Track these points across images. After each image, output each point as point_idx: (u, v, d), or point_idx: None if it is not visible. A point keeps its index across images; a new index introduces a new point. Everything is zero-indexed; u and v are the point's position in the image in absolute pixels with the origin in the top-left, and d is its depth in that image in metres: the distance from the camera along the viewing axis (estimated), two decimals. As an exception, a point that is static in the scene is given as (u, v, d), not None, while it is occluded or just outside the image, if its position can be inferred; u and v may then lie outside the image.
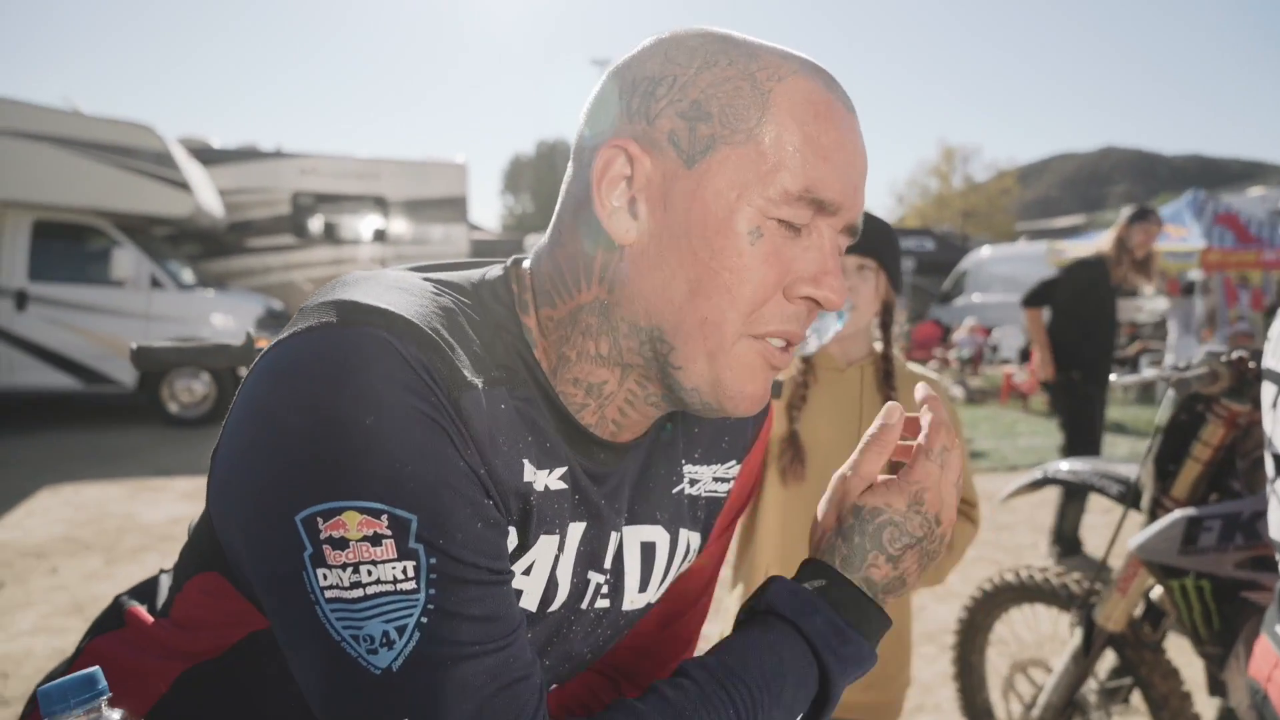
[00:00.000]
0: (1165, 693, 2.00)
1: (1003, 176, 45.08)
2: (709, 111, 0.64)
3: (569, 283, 0.69)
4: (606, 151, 0.65)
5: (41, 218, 7.81)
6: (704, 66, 0.65)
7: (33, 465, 6.23)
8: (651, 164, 0.65)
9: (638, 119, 0.65)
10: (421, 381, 0.57)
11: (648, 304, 0.66)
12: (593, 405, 0.71)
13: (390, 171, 11.45)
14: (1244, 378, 1.76)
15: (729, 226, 0.63)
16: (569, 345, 0.69)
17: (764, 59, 0.65)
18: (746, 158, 0.63)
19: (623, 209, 0.65)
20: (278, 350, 0.59)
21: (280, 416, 0.56)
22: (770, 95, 0.64)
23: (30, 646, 3.27)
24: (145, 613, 0.77)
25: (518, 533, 0.66)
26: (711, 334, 0.65)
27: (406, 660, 0.54)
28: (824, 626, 0.68)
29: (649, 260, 0.65)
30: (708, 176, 0.63)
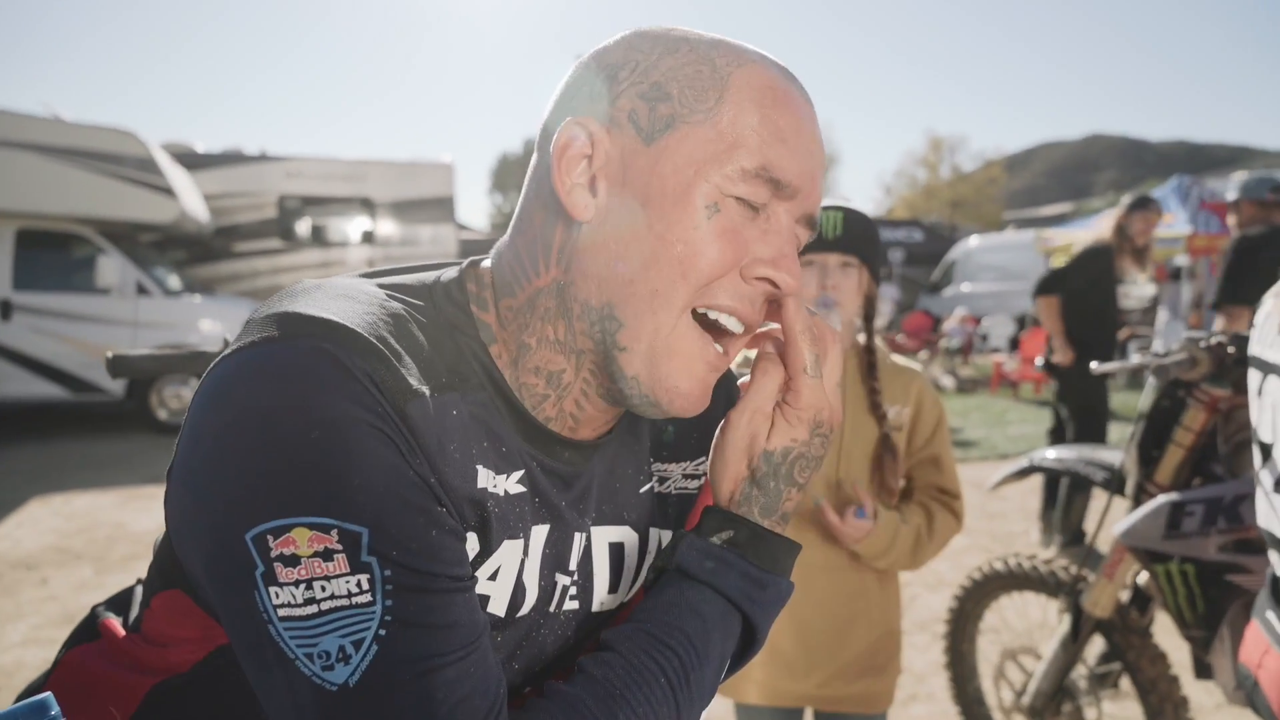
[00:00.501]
0: (1153, 676, 2.02)
1: (989, 166, 45.20)
2: (668, 92, 0.65)
3: (528, 267, 0.69)
4: (568, 128, 0.66)
5: (25, 226, 7.75)
6: (665, 53, 0.66)
7: (22, 475, 6.19)
8: (611, 142, 0.66)
9: (599, 100, 0.67)
10: (366, 392, 0.56)
11: (600, 280, 0.66)
12: (553, 397, 0.71)
13: (377, 173, 11.41)
14: (1223, 363, 1.77)
15: (686, 200, 0.64)
16: (528, 332, 0.69)
17: (724, 47, 0.67)
18: (705, 136, 0.64)
19: (582, 186, 0.66)
20: (221, 367, 0.59)
21: (225, 435, 0.56)
22: (729, 78, 0.65)
23: (21, 658, 3.26)
24: (119, 626, 0.77)
25: (478, 538, 0.66)
26: (660, 307, 0.65)
27: (364, 675, 0.54)
28: (740, 580, 0.67)
29: (604, 235, 0.66)
30: (666, 153, 0.64)
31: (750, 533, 0.69)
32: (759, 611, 0.68)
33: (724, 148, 0.64)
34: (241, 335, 0.61)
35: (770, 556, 0.69)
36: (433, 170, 11.75)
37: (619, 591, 0.81)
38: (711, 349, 0.68)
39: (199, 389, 0.60)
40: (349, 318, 0.60)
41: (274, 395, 0.55)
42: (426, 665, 0.55)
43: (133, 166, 7.90)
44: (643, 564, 0.83)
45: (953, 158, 44.54)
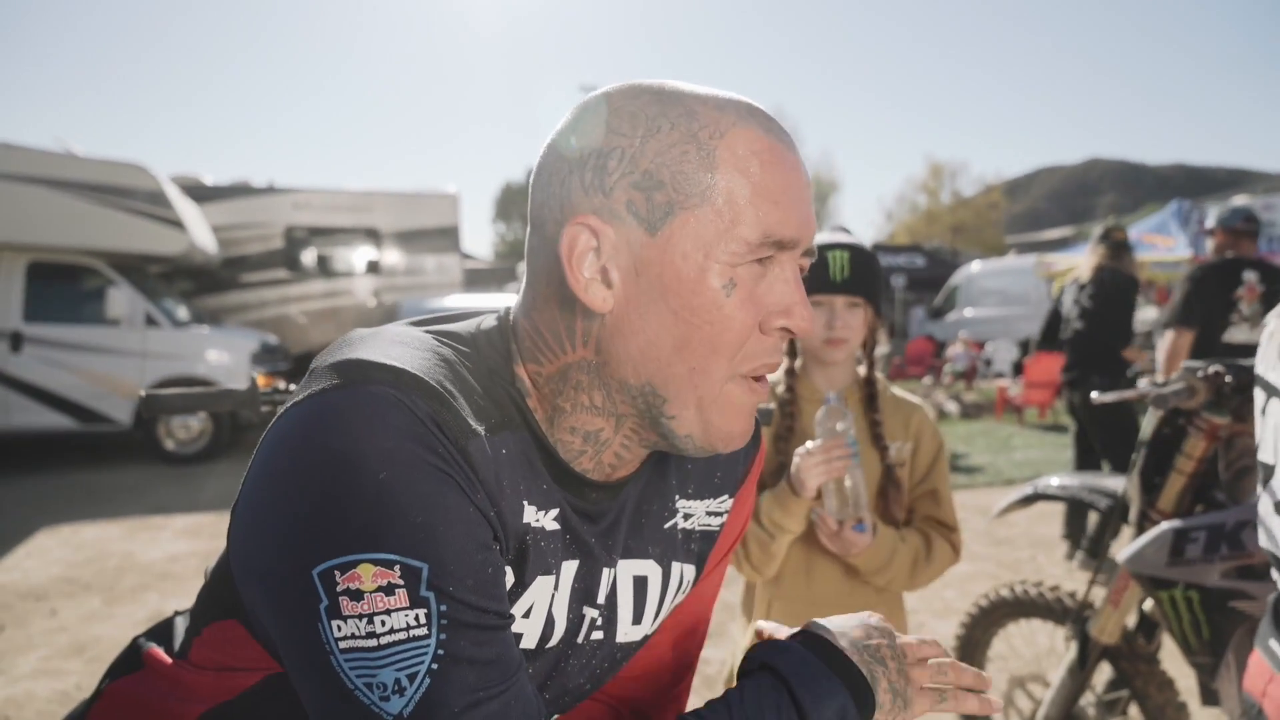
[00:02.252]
0: (1161, 703, 2.02)
1: (990, 191, 45.44)
2: (661, 180, 0.67)
3: (552, 345, 0.72)
4: (570, 230, 0.68)
5: (36, 259, 7.83)
6: (648, 134, 0.67)
7: (30, 506, 6.21)
8: (615, 234, 0.68)
9: (594, 193, 0.68)
10: (429, 433, 0.60)
11: (636, 364, 0.69)
12: (590, 452, 0.74)
13: (382, 203, 11.52)
14: (1221, 391, 1.80)
15: (703, 285, 0.66)
16: (562, 398, 0.72)
17: (702, 116, 0.68)
18: (705, 218, 0.66)
19: (596, 280, 0.68)
20: (292, 413, 0.63)
21: (296, 476, 0.59)
22: (715, 153, 0.67)
23: (32, 689, 3.26)
24: (164, 654, 0.80)
25: (513, 571, 0.70)
26: (701, 382, 0.69)
27: (417, 706, 0.57)
28: (795, 662, 0.72)
29: (631, 325, 0.68)
30: (672, 241, 0.67)
31: (820, 638, 0.76)
32: (810, 700, 0.71)
33: (725, 225, 0.66)
34: (309, 383, 0.65)
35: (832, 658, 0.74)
36: (437, 200, 11.86)
37: (643, 623, 0.84)
38: (755, 390, 0.72)
39: (269, 432, 0.64)
40: (409, 363, 0.64)
41: (343, 439, 0.58)
42: (474, 698, 0.59)
43: (143, 200, 8.00)
44: (665, 597, 0.86)
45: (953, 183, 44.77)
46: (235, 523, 0.66)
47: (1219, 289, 3.90)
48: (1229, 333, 3.90)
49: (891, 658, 0.76)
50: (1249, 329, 3.87)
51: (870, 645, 0.76)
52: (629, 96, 0.69)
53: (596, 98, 0.71)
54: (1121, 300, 4.74)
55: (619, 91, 0.70)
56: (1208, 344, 3.89)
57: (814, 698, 0.70)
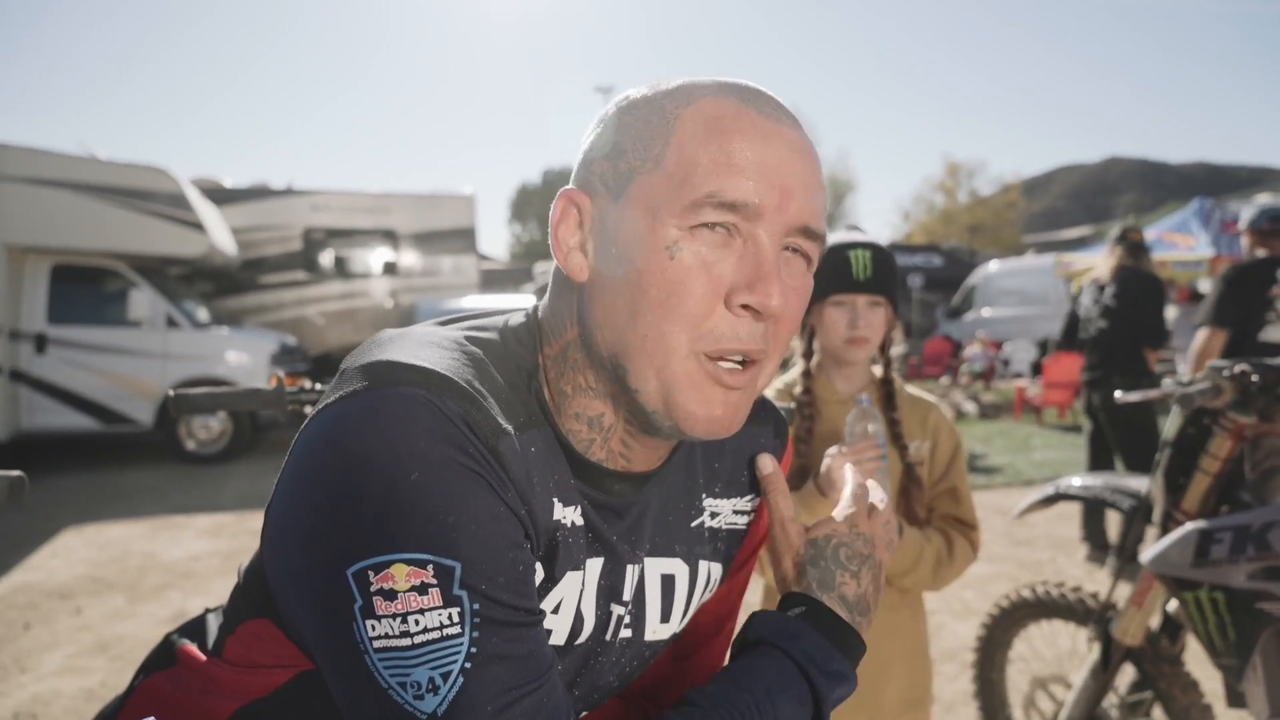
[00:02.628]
0: (1186, 705, 2.00)
1: (1008, 190, 45.06)
2: (624, 148, 0.70)
3: (557, 324, 0.75)
4: (557, 203, 0.72)
5: (60, 262, 7.95)
6: (625, 111, 0.72)
7: (55, 506, 6.29)
8: (592, 205, 0.71)
9: (581, 169, 0.73)
10: (460, 434, 0.61)
11: (602, 333, 0.70)
12: (598, 440, 0.74)
13: (400, 205, 11.59)
14: (1247, 391, 1.78)
15: (649, 245, 0.66)
16: (564, 380, 0.74)
17: (679, 92, 0.70)
18: (657, 181, 0.67)
19: (575, 249, 0.72)
20: (325, 415, 0.63)
21: (329, 477, 0.60)
22: (676, 120, 0.68)
23: (58, 687, 3.31)
24: (198, 651, 0.80)
25: (544, 566, 0.70)
26: (655, 350, 0.67)
27: (451, 704, 0.57)
28: (810, 648, 0.73)
29: (598, 291, 0.70)
30: (628, 205, 0.68)
31: (824, 615, 0.76)
32: (824, 683, 0.72)
33: (673, 187, 0.66)
34: (340, 385, 0.65)
35: (839, 635, 0.76)
36: (454, 202, 11.93)
37: (671, 621, 0.84)
38: (723, 373, 0.69)
39: (302, 434, 0.65)
40: (438, 364, 0.64)
41: (375, 440, 0.59)
42: (507, 697, 0.59)
43: (164, 202, 8.10)
44: (693, 595, 0.86)
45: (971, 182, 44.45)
46: (269, 523, 0.67)
47: (1255, 288, 3.90)
48: (1266, 331, 3.89)
49: (872, 579, 0.81)
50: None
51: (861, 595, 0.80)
52: (625, 98, 0.74)
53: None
54: (1147, 300, 4.72)
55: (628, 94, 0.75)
56: (1244, 343, 3.89)
57: (829, 685, 0.73)
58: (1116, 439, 4.69)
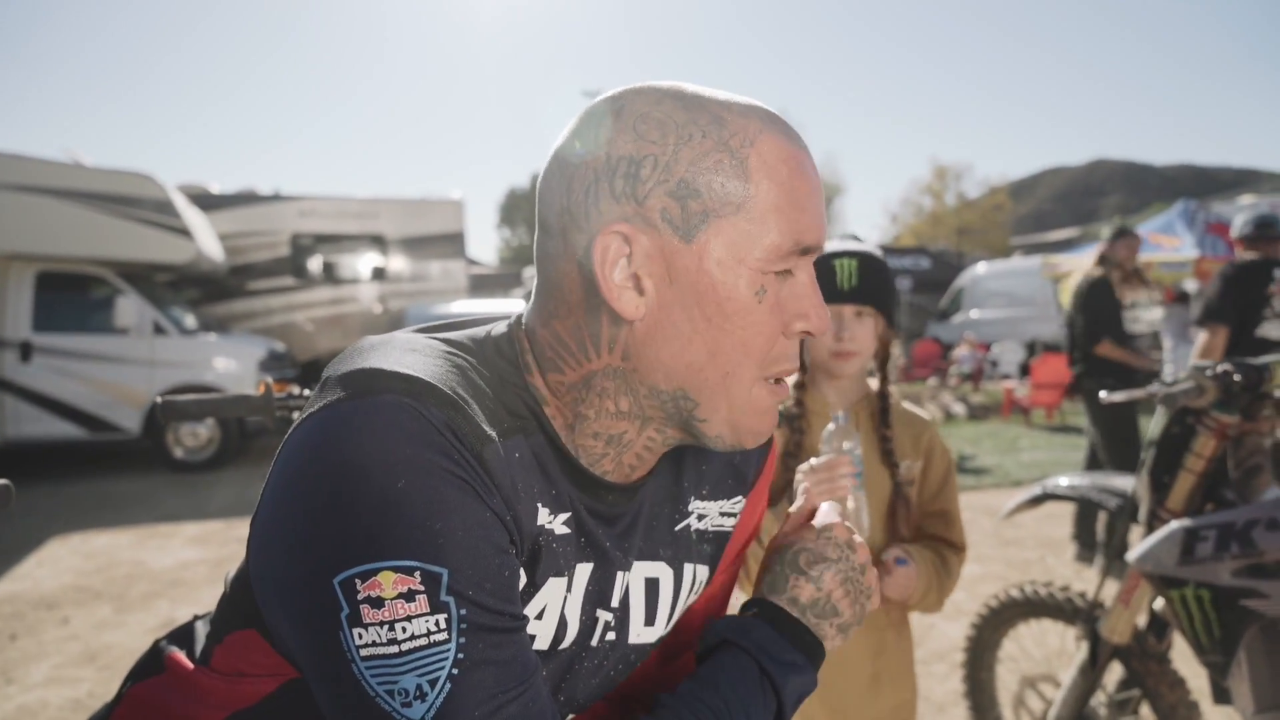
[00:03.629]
0: (1173, 702, 2.02)
1: (995, 192, 45.31)
2: (697, 188, 0.67)
3: (576, 352, 0.72)
4: (603, 239, 0.67)
5: (45, 269, 7.88)
6: (680, 142, 0.67)
7: (41, 515, 6.24)
8: (648, 241, 0.68)
9: (625, 201, 0.68)
10: (445, 440, 0.61)
11: (668, 370, 0.70)
12: (612, 454, 0.75)
13: (388, 210, 11.56)
14: (1230, 390, 1.80)
15: (736, 291, 0.68)
16: (585, 405, 0.73)
17: (730, 124, 0.68)
18: (739, 226, 0.67)
19: (628, 287, 0.69)
20: (308, 424, 0.63)
21: (314, 485, 0.60)
22: (748, 162, 0.68)
23: (45, 698, 3.28)
24: (185, 659, 0.80)
25: (525, 572, 0.70)
26: (733, 386, 0.71)
27: (439, 711, 0.58)
28: (760, 638, 0.77)
29: (664, 331, 0.69)
30: (707, 249, 0.67)
31: (774, 611, 0.80)
32: (779, 672, 0.75)
33: (758, 233, 0.67)
34: (323, 393, 0.65)
35: (790, 629, 0.79)
36: (443, 207, 11.90)
37: (656, 625, 0.85)
38: (779, 391, 0.75)
39: (286, 444, 0.65)
40: (422, 370, 0.64)
41: (360, 448, 0.59)
42: (493, 703, 0.59)
43: (150, 209, 8.04)
44: (678, 598, 0.86)
45: (958, 185, 44.68)
46: (254, 533, 0.67)
47: (1252, 286, 4.04)
48: (1263, 328, 4.03)
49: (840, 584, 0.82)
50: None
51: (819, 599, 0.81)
52: (652, 102, 0.69)
53: (614, 102, 0.70)
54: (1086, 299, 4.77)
55: (639, 96, 0.70)
56: (1242, 340, 4.01)
57: (783, 673, 0.75)
58: (1096, 437, 4.74)
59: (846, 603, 0.81)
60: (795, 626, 0.78)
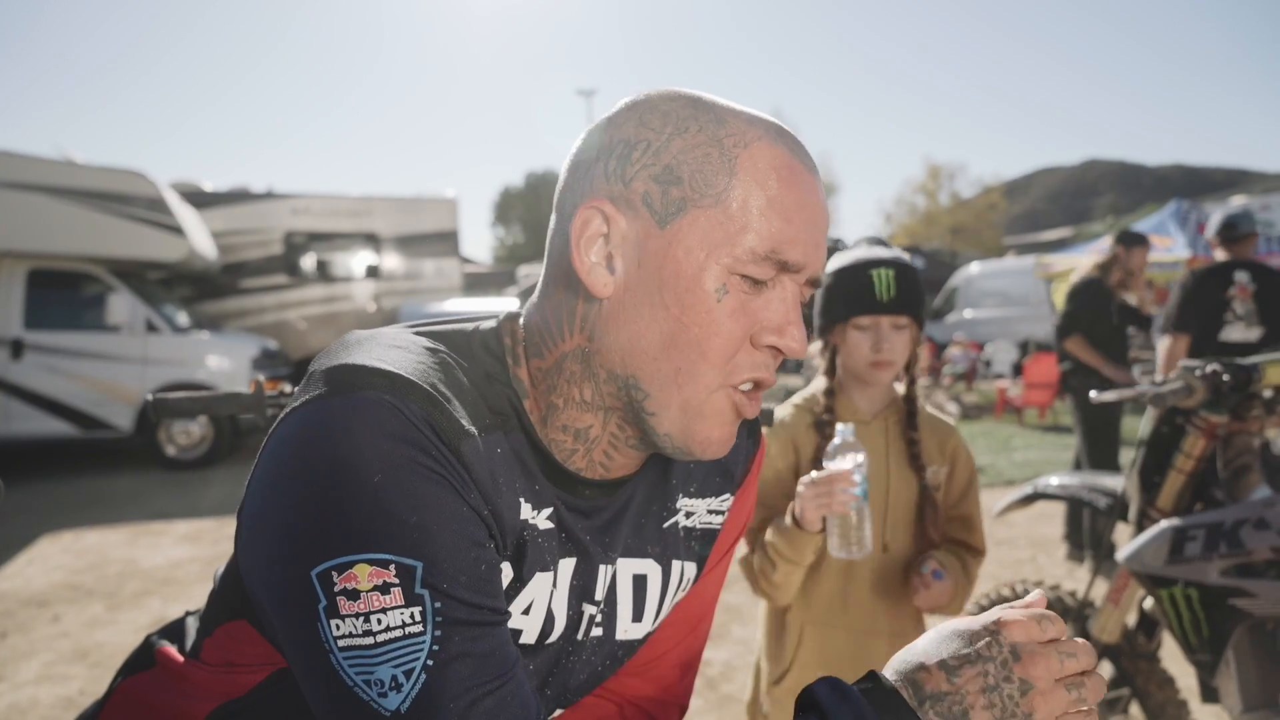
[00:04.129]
0: (1161, 701, 2.03)
1: (989, 192, 45.39)
2: (680, 175, 0.68)
3: (554, 332, 0.74)
4: (584, 211, 0.70)
5: (36, 266, 7.85)
6: (675, 133, 0.69)
7: (32, 513, 6.21)
8: (626, 223, 0.69)
9: (614, 180, 0.70)
10: (423, 436, 0.62)
11: (624, 353, 0.70)
12: (581, 450, 0.75)
13: (381, 208, 11.54)
14: (1219, 390, 1.81)
15: (698, 284, 0.68)
16: (556, 393, 0.74)
17: (731, 125, 0.69)
18: (715, 219, 0.67)
19: (600, 264, 0.70)
20: (290, 419, 0.64)
21: (295, 480, 0.61)
22: (737, 160, 0.68)
23: (35, 696, 3.27)
24: (176, 653, 0.81)
25: (512, 567, 0.71)
26: (685, 384, 0.70)
27: (414, 701, 0.58)
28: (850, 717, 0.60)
29: (625, 312, 0.70)
30: (678, 236, 0.68)
31: (884, 691, 0.62)
32: None
33: (734, 230, 0.67)
34: (306, 388, 0.66)
35: (894, 714, 0.60)
36: (436, 205, 11.88)
37: (643, 621, 0.85)
38: (744, 403, 0.73)
39: (270, 438, 0.66)
40: (403, 367, 0.65)
41: (339, 444, 0.60)
42: (470, 695, 0.60)
43: (142, 206, 8.01)
44: (665, 595, 0.87)
45: (952, 184, 44.74)
46: (241, 527, 0.68)
47: (1211, 292, 4.09)
48: (1224, 332, 4.06)
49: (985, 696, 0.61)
50: (1244, 327, 4.05)
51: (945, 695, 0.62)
52: (667, 98, 0.71)
53: (636, 96, 0.73)
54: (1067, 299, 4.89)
55: (659, 93, 0.72)
56: (1206, 344, 4.03)
57: None
58: (1079, 434, 4.78)
59: (983, 715, 0.60)
60: (903, 711, 0.60)
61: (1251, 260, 4.17)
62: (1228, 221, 4.24)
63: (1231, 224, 4.22)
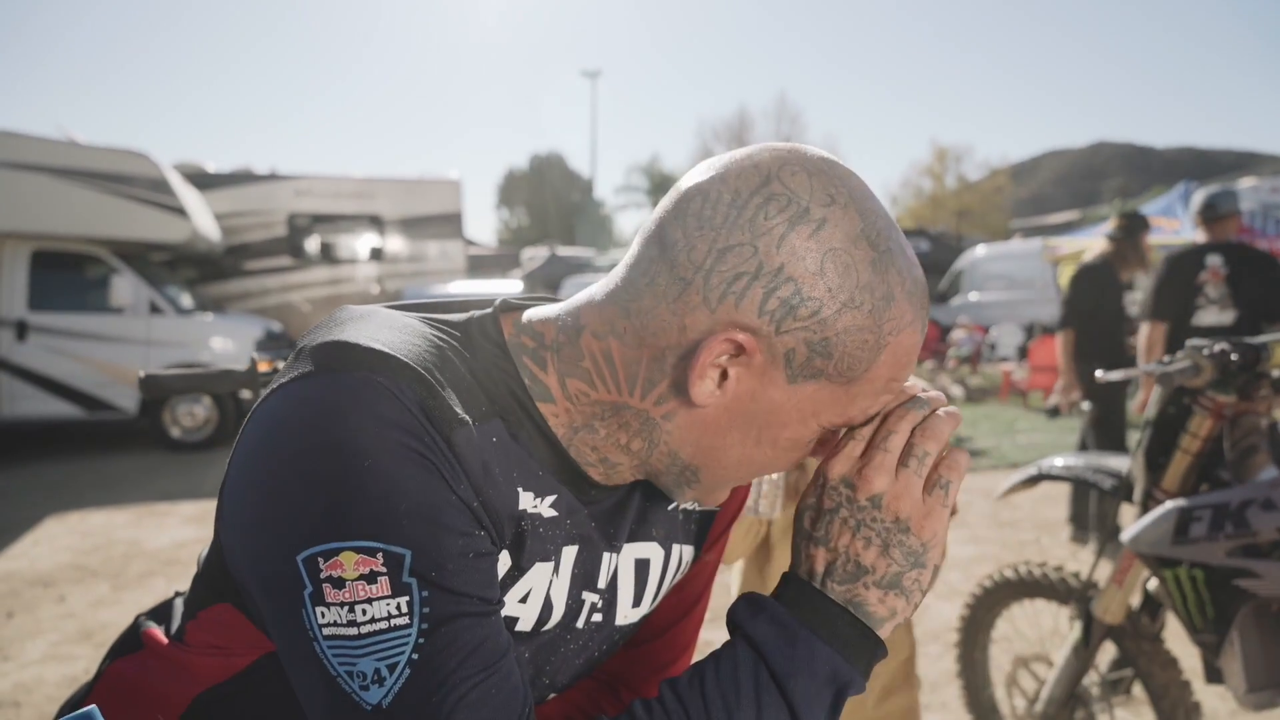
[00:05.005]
0: (1165, 682, 2.03)
1: (995, 175, 45.14)
2: (831, 354, 0.64)
3: (622, 382, 0.69)
4: (724, 340, 0.63)
5: (40, 247, 7.85)
6: (847, 306, 0.62)
7: (38, 494, 6.25)
8: (761, 359, 0.64)
9: (767, 319, 0.63)
10: (415, 420, 0.59)
11: (694, 450, 0.70)
12: (600, 470, 0.74)
13: (385, 190, 11.50)
14: (1227, 370, 1.79)
15: (796, 435, 0.69)
16: (601, 423, 0.71)
17: (896, 308, 0.64)
18: (839, 393, 0.66)
19: (713, 380, 0.65)
20: (277, 397, 0.62)
21: (280, 461, 0.59)
22: (884, 349, 0.65)
23: (41, 675, 3.29)
24: (162, 635, 0.80)
25: (510, 555, 0.69)
26: (734, 478, 0.74)
27: (396, 696, 0.57)
28: (767, 626, 0.65)
29: (713, 426, 0.68)
30: (800, 396, 0.66)
31: (794, 588, 0.68)
32: (785, 666, 0.63)
33: (847, 403, 0.67)
34: (294, 364, 0.63)
35: (810, 611, 0.66)
36: (440, 187, 11.84)
37: (642, 605, 0.84)
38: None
39: (254, 416, 0.63)
40: (398, 348, 0.62)
41: (328, 425, 0.58)
42: (454, 691, 0.58)
43: (145, 187, 8.00)
44: (664, 578, 0.85)
45: (958, 167, 44.48)
46: (222, 505, 0.66)
47: (1183, 277, 4.08)
48: (1198, 316, 4.06)
49: (858, 534, 0.66)
50: (1218, 310, 4.03)
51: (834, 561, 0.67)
52: (848, 239, 0.63)
53: (807, 196, 0.63)
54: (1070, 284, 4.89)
55: (834, 212, 0.63)
56: (1180, 329, 4.04)
57: (790, 668, 0.63)
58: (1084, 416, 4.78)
59: (872, 553, 0.66)
60: (818, 602, 0.66)
61: (1228, 242, 4.13)
62: (1208, 201, 4.18)
63: (1211, 204, 4.17)
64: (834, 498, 0.68)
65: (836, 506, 0.68)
